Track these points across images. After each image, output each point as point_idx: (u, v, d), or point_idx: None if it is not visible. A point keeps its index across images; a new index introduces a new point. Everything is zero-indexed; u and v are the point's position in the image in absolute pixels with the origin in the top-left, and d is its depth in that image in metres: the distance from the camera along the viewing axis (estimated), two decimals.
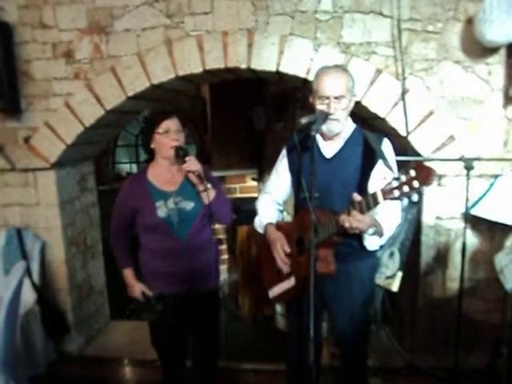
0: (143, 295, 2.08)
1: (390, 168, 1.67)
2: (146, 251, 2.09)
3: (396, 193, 1.42)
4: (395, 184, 1.41)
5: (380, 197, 1.47)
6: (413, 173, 1.37)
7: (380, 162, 1.72)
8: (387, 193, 1.45)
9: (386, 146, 1.81)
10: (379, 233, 1.70)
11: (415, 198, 1.41)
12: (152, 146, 2.01)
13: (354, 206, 1.57)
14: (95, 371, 2.84)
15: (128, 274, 2.13)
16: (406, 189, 1.39)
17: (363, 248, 1.83)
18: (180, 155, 1.96)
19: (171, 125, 1.96)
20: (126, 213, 2.05)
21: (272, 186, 2.08)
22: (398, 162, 1.86)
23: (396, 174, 1.45)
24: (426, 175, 1.35)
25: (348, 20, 2.43)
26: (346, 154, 1.82)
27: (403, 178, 1.39)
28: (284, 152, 2.00)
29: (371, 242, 1.81)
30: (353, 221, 1.56)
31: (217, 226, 4.27)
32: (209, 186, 1.98)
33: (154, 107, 3.27)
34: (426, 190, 1.73)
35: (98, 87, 2.66)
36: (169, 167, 2.04)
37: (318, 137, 1.84)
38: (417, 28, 2.40)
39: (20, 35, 2.68)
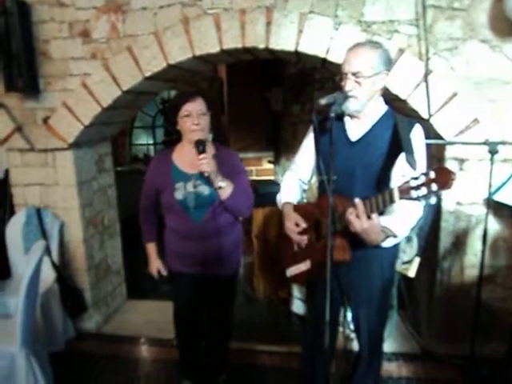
0: (158, 273, 2.20)
1: (413, 164, 1.55)
2: (167, 230, 2.15)
3: (413, 193, 1.35)
4: (413, 184, 1.35)
5: (396, 195, 1.41)
6: (432, 174, 1.31)
7: (403, 155, 1.59)
8: (404, 192, 1.39)
9: (417, 133, 1.69)
10: (392, 236, 1.64)
11: (433, 201, 1.35)
12: (178, 128, 2.01)
13: (370, 203, 1.52)
14: (112, 349, 2.89)
15: (150, 247, 2.23)
16: (423, 190, 1.33)
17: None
18: (199, 149, 1.91)
19: (192, 107, 1.93)
20: (152, 189, 2.10)
21: (297, 162, 2.03)
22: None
23: (422, 167, 1.36)
24: (445, 179, 1.29)
25: None
26: (372, 138, 1.73)
27: (422, 178, 1.33)
28: (311, 128, 1.93)
29: (386, 241, 1.75)
30: (355, 221, 1.51)
31: None
32: (223, 184, 1.94)
33: (179, 90, 3.24)
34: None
35: (115, 67, 2.64)
36: (193, 150, 1.97)
37: (347, 118, 1.79)
38: (442, 5, 2.30)
39: (38, 14, 2.67)
